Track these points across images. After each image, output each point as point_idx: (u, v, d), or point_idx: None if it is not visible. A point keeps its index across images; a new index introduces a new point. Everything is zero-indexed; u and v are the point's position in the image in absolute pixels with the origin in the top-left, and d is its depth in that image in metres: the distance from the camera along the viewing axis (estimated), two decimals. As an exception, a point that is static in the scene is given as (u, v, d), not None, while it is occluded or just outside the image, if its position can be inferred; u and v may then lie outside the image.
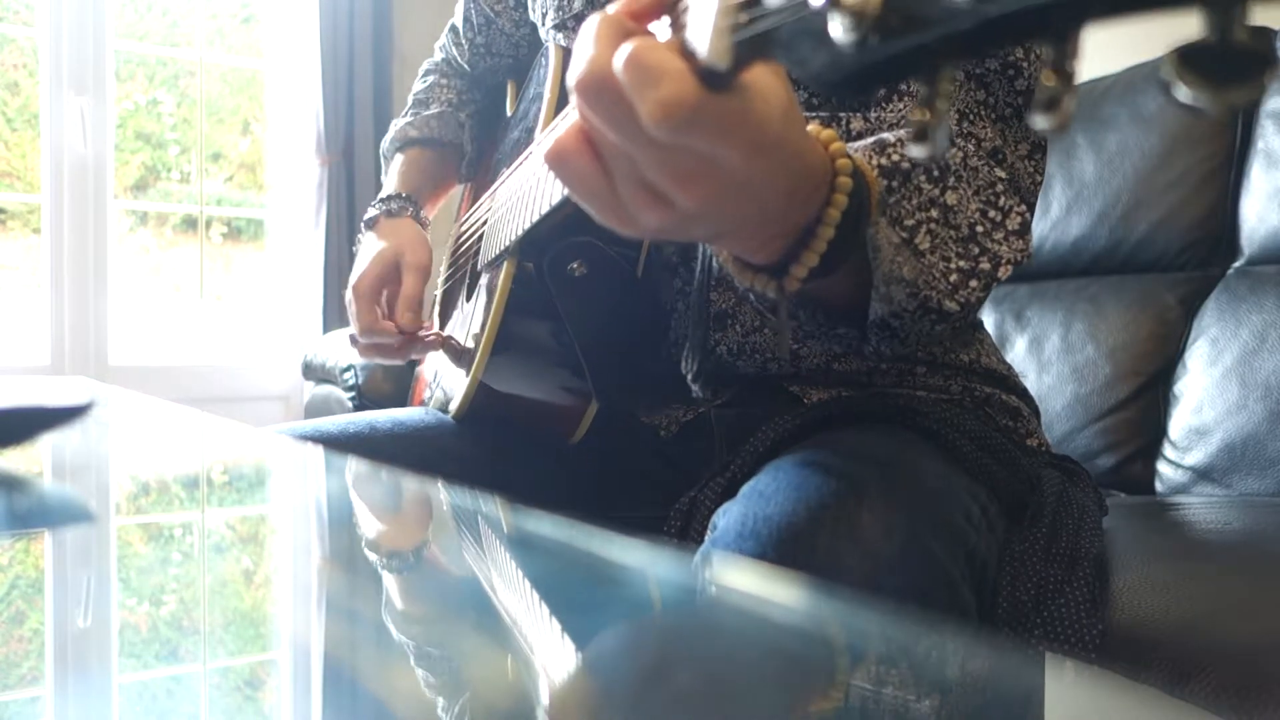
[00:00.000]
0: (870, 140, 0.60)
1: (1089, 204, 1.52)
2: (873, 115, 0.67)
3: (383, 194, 1.04)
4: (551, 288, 0.75)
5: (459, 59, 1.12)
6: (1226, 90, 0.23)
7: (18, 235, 2.79)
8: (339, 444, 0.85)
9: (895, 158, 0.58)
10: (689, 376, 0.78)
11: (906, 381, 0.79)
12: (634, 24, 0.43)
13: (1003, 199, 0.61)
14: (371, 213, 1.01)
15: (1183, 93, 0.23)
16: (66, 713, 0.24)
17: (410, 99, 1.15)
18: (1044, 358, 1.48)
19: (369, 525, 0.46)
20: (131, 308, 2.88)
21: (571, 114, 0.46)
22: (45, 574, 0.36)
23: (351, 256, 1.02)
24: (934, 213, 0.59)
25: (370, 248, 0.95)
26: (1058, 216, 1.56)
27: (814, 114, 0.69)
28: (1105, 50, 1.45)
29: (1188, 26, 0.24)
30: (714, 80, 0.40)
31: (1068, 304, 1.50)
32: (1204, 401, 1.29)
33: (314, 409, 2.24)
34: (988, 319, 1.56)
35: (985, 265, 0.60)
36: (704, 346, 0.77)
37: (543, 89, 0.83)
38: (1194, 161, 1.43)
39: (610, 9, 0.44)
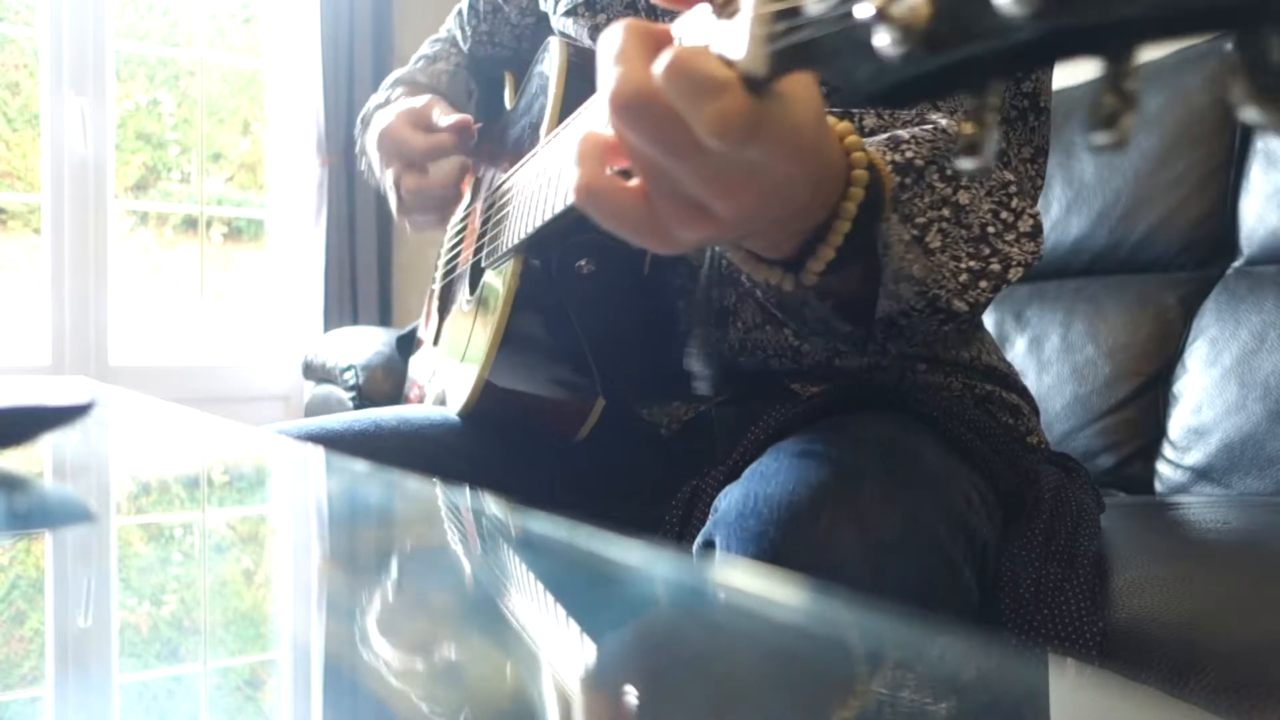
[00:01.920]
0: (884, 136, 0.59)
1: (1089, 204, 1.52)
2: (887, 113, 0.66)
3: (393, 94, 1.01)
4: (559, 286, 0.75)
5: (460, 42, 1.10)
6: None
7: (18, 235, 2.79)
8: (344, 442, 0.84)
9: (909, 154, 0.57)
10: (696, 377, 0.77)
11: (907, 378, 0.79)
12: (658, 30, 0.42)
13: (1015, 200, 0.60)
14: (381, 97, 0.99)
15: (1251, 114, 0.22)
16: (66, 713, 0.24)
17: (415, 57, 1.12)
18: (1044, 357, 1.48)
19: (370, 525, 0.46)
20: (132, 308, 2.88)
21: (581, 131, 0.45)
22: (45, 574, 0.36)
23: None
24: (946, 211, 0.58)
25: (386, 114, 0.93)
26: (1058, 216, 1.56)
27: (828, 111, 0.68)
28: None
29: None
30: (754, 86, 0.38)
31: (1068, 304, 1.50)
32: (1203, 401, 1.29)
33: (314, 409, 2.24)
34: (987, 319, 1.56)
35: (995, 266, 0.59)
36: (713, 345, 0.76)
37: (546, 84, 0.81)
38: (1194, 161, 1.43)
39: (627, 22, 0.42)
